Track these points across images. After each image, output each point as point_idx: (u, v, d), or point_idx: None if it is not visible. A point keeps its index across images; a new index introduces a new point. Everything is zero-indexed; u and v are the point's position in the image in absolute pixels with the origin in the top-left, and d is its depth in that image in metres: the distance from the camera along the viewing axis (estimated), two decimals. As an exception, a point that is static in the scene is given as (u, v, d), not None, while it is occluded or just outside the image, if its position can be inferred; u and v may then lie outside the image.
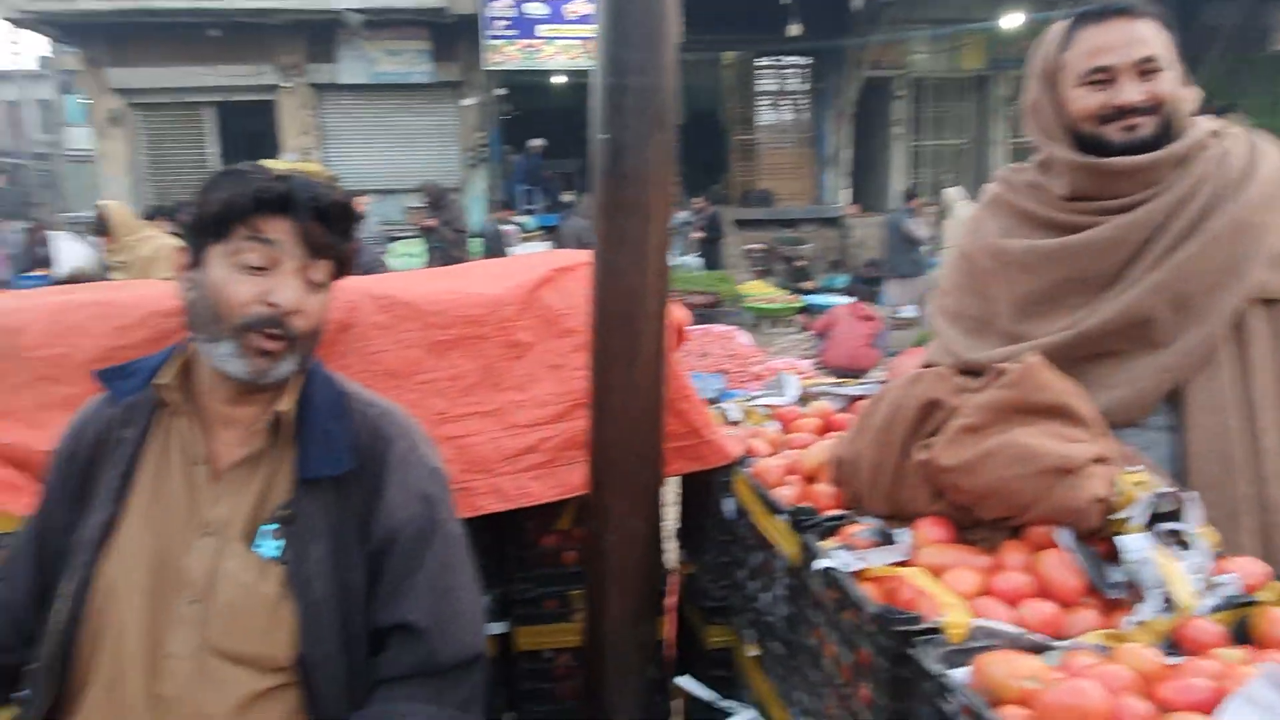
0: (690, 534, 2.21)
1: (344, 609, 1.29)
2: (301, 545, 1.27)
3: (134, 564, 1.26)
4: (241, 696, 1.25)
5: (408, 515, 1.33)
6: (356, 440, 1.33)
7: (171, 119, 14.90)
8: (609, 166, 1.63)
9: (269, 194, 1.20)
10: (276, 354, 1.23)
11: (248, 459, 1.29)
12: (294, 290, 1.23)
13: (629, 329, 1.66)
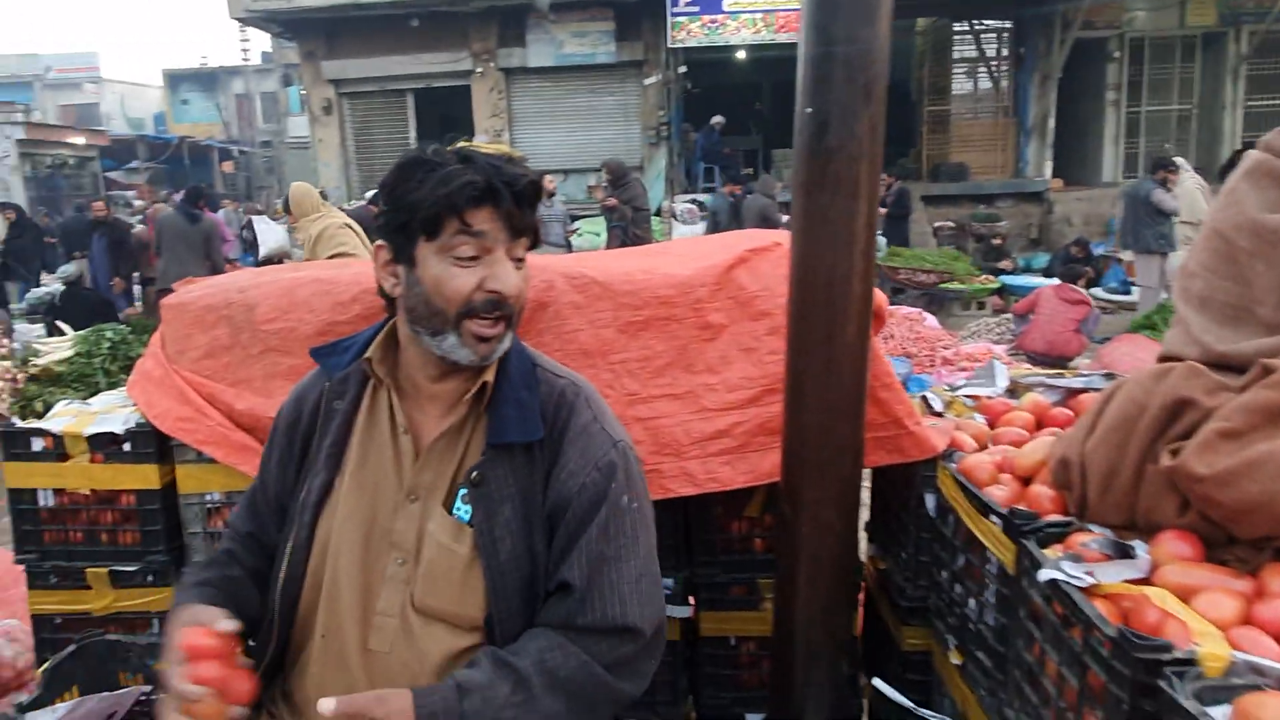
0: (884, 528, 2.11)
1: (529, 571, 1.33)
2: (490, 508, 1.31)
3: (349, 524, 1.34)
4: (442, 654, 1.31)
5: (581, 483, 1.33)
6: (544, 409, 1.36)
7: (377, 106, 15.94)
8: (812, 141, 1.55)
9: (475, 189, 1.23)
10: (497, 337, 1.28)
11: (450, 429, 1.34)
12: (511, 274, 1.27)
13: (829, 312, 1.58)
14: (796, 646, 1.74)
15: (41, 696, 1.80)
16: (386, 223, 1.30)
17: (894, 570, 2.04)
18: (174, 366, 2.09)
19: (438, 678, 1.30)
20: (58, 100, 32.97)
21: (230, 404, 2.02)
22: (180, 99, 32.44)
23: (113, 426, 2.10)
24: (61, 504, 2.16)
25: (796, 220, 1.59)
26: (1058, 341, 7.00)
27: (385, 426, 1.37)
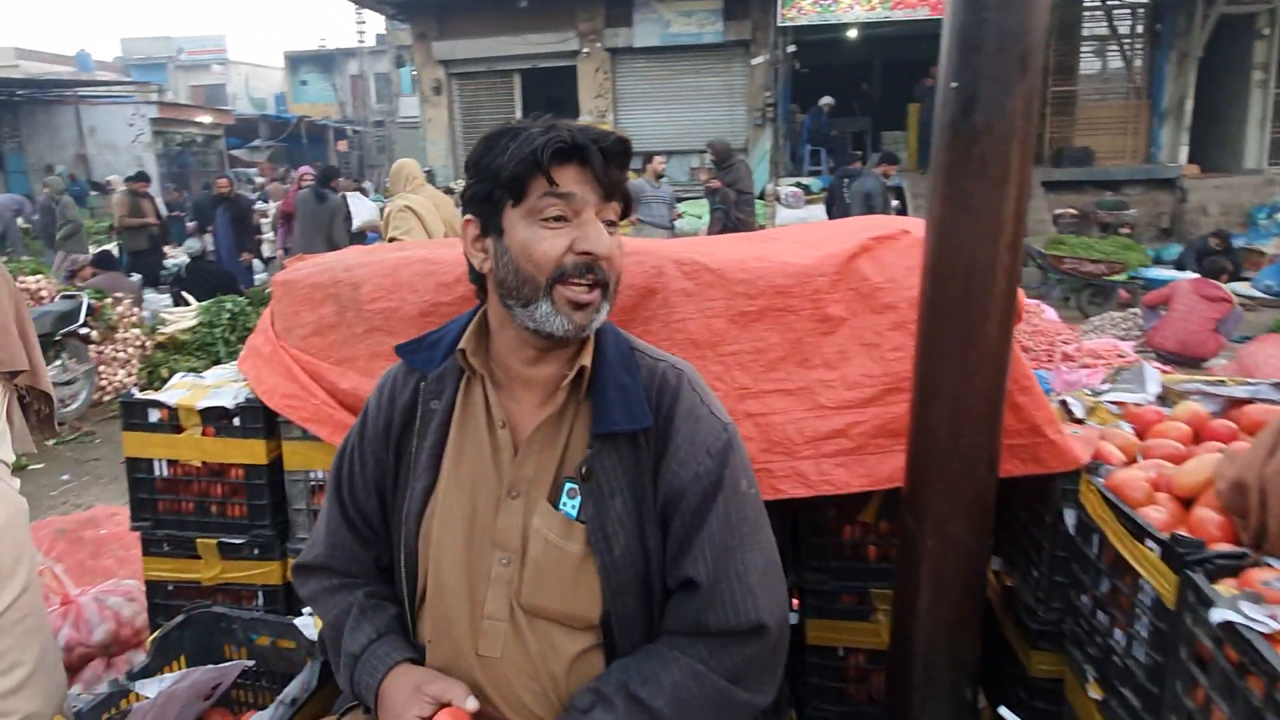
0: (1012, 541, 1.95)
1: (643, 567, 1.25)
2: (600, 503, 1.23)
3: (450, 526, 1.28)
4: (557, 657, 1.25)
5: (694, 472, 1.24)
6: (647, 394, 1.27)
7: (484, 86, 16.15)
8: (957, 119, 1.41)
9: (560, 145, 1.15)
10: (592, 304, 1.19)
11: (549, 419, 1.26)
12: (603, 234, 1.18)
13: (967, 308, 1.44)
14: (915, 668, 1.61)
15: (150, 665, 1.83)
16: (472, 196, 1.23)
17: (1023, 588, 1.88)
18: (282, 343, 2.09)
19: (554, 683, 1.24)
20: (188, 81, 34.76)
21: (334, 383, 2.01)
22: (299, 80, 33.71)
23: (223, 401, 2.12)
24: (175, 474, 2.21)
25: (935, 206, 1.45)
26: (1192, 341, 6.52)
27: (481, 421, 1.30)
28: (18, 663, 1.50)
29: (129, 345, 7.55)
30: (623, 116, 15.41)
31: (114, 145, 19.54)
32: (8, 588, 1.50)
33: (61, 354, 6.63)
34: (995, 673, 2.02)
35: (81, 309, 6.72)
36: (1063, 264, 10.05)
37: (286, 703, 1.64)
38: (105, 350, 7.27)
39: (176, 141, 21.55)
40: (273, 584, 2.23)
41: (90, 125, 19.38)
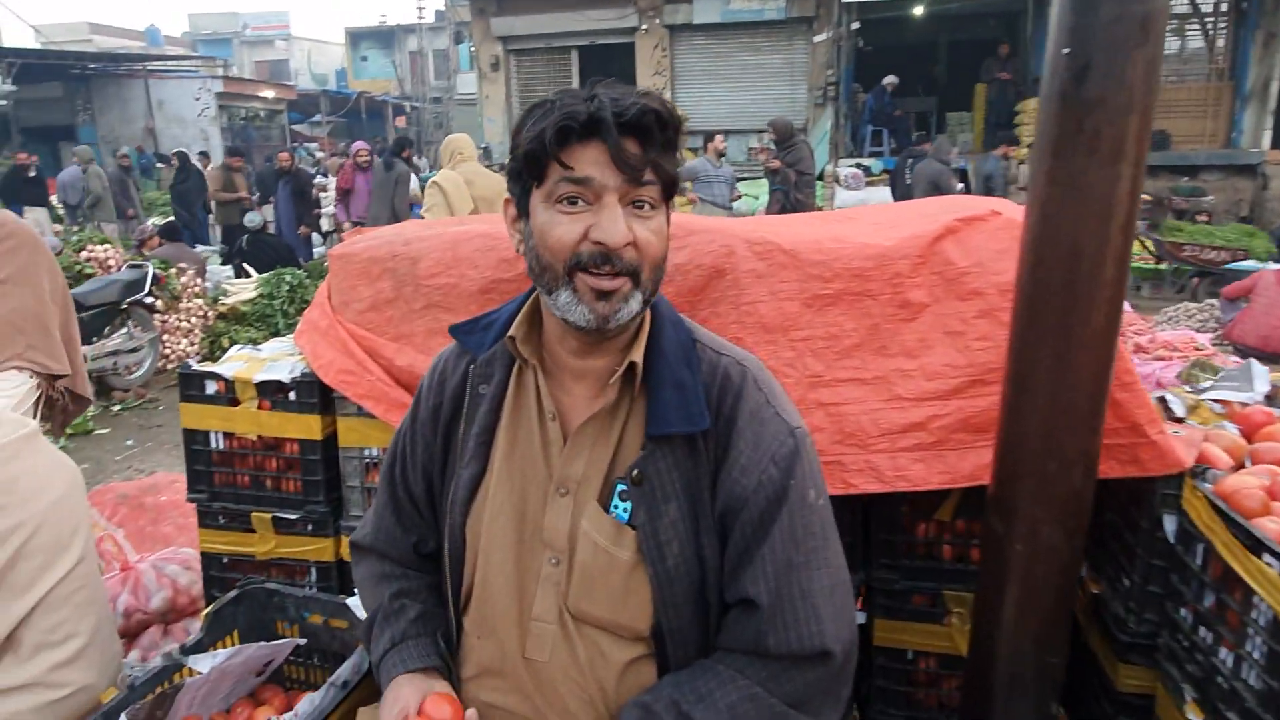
0: (1101, 545, 1.82)
1: (698, 578, 1.16)
2: (653, 508, 1.14)
3: (499, 520, 1.21)
4: (607, 665, 1.18)
5: (757, 480, 1.14)
6: (707, 393, 1.17)
7: (541, 62, 16.11)
8: (1067, 90, 1.28)
9: (572, 121, 1.04)
10: (617, 292, 1.07)
11: (600, 414, 1.17)
12: (618, 222, 1.05)
13: (1071, 297, 1.32)
14: (997, 679, 1.51)
15: (203, 640, 1.80)
16: (508, 175, 1.14)
17: (1111, 597, 1.76)
18: (338, 317, 2.05)
19: (602, 691, 1.17)
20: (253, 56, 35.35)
21: (391, 359, 1.97)
22: (360, 56, 34.05)
23: (279, 375, 2.09)
24: (231, 447, 2.19)
25: (1039, 186, 1.33)
26: (1275, 336, 6.19)
27: (533, 411, 1.22)
28: (72, 634, 1.48)
29: (192, 315, 7.69)
30: (680, 94, 15.24)
31: (181, 119, 19.94)
32: (64, 559, 1.48)
33: (127, 322, 6.77)
34: (1076, 684, 1.90)
35: (147, 278, 6.84)
36: (1182, 251, 9.59)
37: (338, 685, 1.60)
38: (169, 319, 7.42)
39: (240, 116, 21.93)
40: (326, 561, 2.20)
41: (159, 99, 19.80)
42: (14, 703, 1.41)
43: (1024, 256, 1.39)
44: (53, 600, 1.45)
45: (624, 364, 1.14)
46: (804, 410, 1.75)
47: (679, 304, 1.81)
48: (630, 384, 1.16)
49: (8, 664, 1.42)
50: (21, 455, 1.47)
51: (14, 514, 1.42)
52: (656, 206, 1.09)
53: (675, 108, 1.08)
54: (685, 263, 1.79)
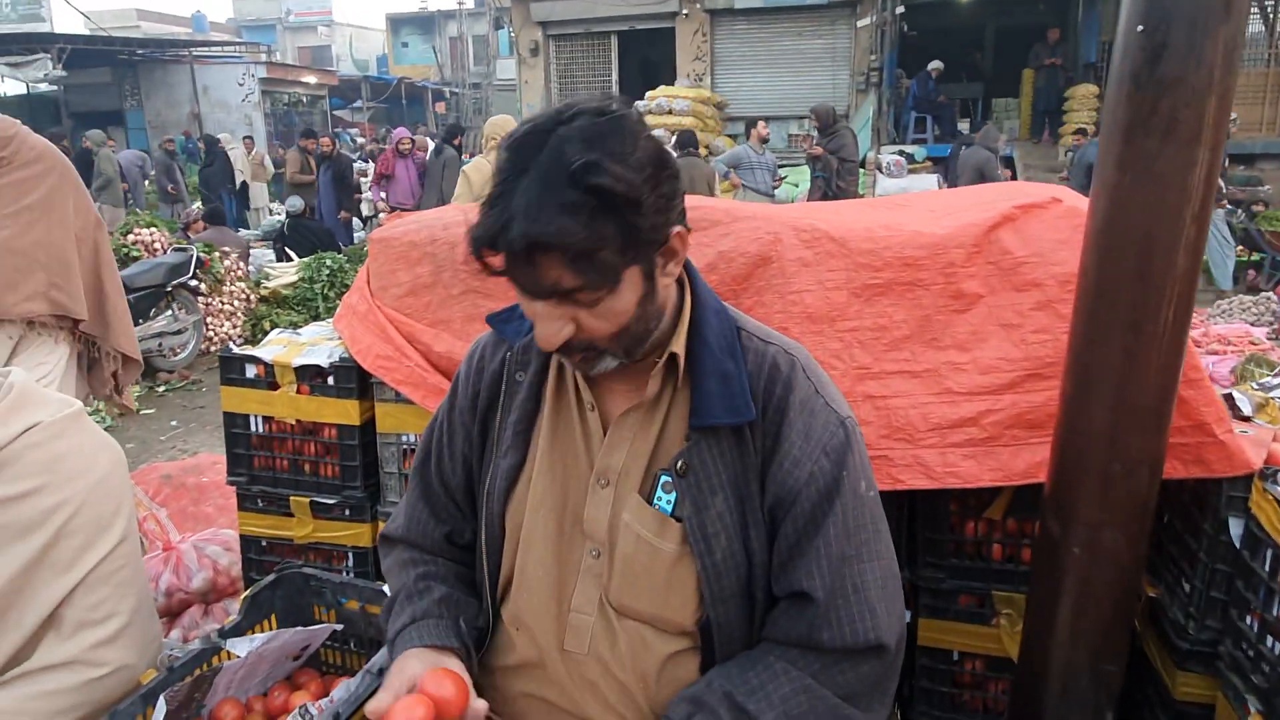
0: (1161, 549, 1.75)
1: (747, 572, 1.13)
2: (699, 501, 1.11)
3: (540, 511, 1.18)
4: (648, 659, 1.15)
5: (809, 472, 1.10)
6: (754, 383, 1.13)
7: (581, 48, 16.05)
8: (1140, 69, 1.21)
9: (480, 244, 0.98)
10: (585, 360, 1.07)
11: (641, 405, 1.14)
12: (544, 328, 1.02)
13: (1141, 290, 1.26)
14: (1050, 686, 1.45)
15: (241, 623, 1.81)
16: None
17: (1170, 602, 1.69)
18: (377, 302, 2.03)
19: (643, 684, 1.14)
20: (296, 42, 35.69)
21: (429, 345, 1.95)
22: (401, 41, 34.23)
23: (318, 359, 2.09)
24: (270, 431, 2.19)
25: (1107, 171, 1.27)
26: (1339, 330, 5.98)
27: (572, 400, 1.19)
28: (113, 613, 1.48)
29: (235, 298, 7.79)
30: (720, 80, 15.11)
31: (226, 104, 20.19)
32: (105, 538, 1.48)
33: (172, 305, 6.87)
34: (1130, 690, 1.84)
35: (191, 262, 6.94)
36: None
37: (374, 672, 1.60)
38: (213, 302, 7.52)
39: (283, 101, 22.15)
40: (363, 546, 2.20)
41: (204, 84, 20.05)
42: (55, 680, 1.41)
43: (1090, 246, 1.32)
44: (94, 579, 1.46)
45: (664, 355, 1.10)
46: (851, 403, 1.69)
47: (723, 292, 1.77)
48: (673, 375, 1.13)
49: (50, 641, 1.43)
50: (66, 434, 1.47)
51: (57, 492, 1.42)
52: (604, 289, 0.99)
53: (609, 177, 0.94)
54: (730, 250, 1.74)
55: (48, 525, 1.40)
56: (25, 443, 1.40)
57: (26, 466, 1.40)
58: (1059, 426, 1.40)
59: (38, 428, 1.42)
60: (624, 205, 0.95)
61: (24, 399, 1.44)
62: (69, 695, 1.42)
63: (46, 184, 2.60)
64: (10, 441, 1.39)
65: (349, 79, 26.03)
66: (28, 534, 1.39)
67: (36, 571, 1.40)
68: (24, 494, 1.39)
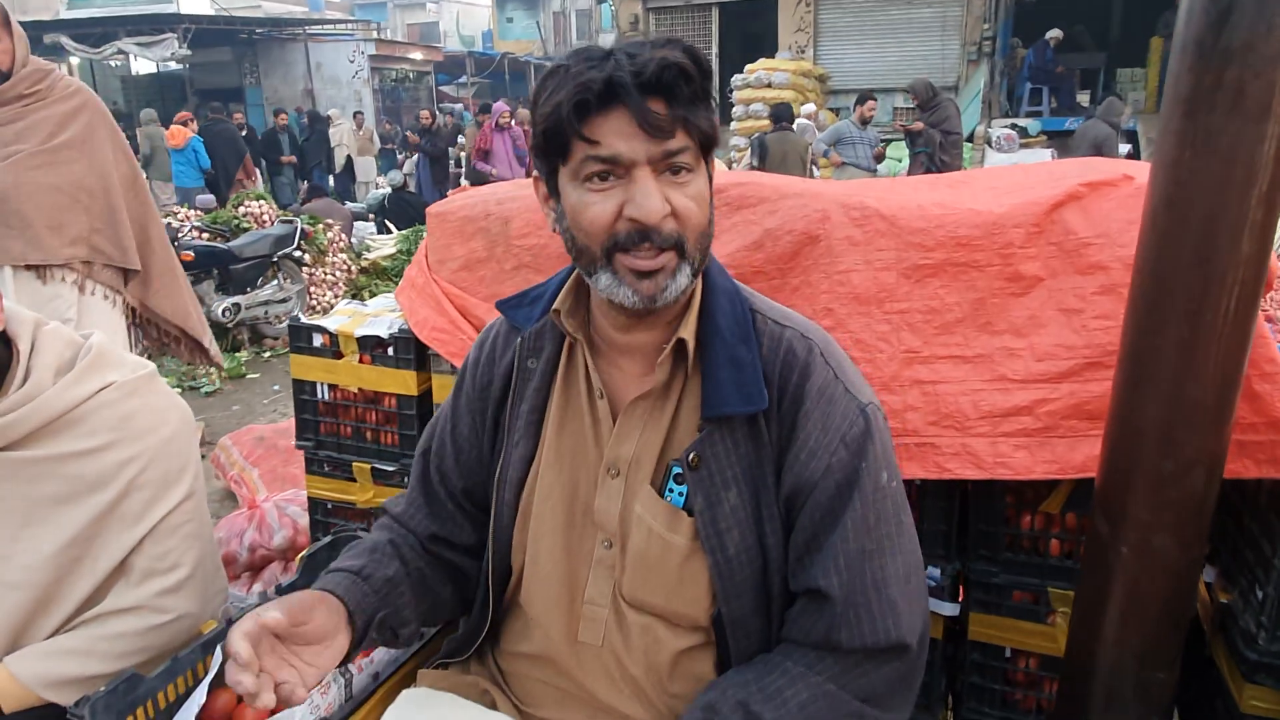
0: (1235, 553, 1.64)
1: (759, 565, 1.10)
2: (711, 494, 1.08)
3: (550, 501, 1.18)
4: (661, 653, 1.14)
5: (826, 464, 1.06)
6: (769, 368, 1.09)
7: (681, 20, 15.91)
8: (1204, 36, 1.11)
9: (587, 92, 0.94)
10: (661, 270, 1.00)
11: (651, 393, 1.11)
12: (652, 196, 0.97)
13: (1201, 276, 1.16)
14: (1093, 692, 1.38)
15: (297, 581, 1.89)
16: (533, 151, 1.06)
17: (1242, 610, 1.58)
18: (434, 276, 2.07)
19: (656, 676, 1.13)
20: (405, 19, 36.57)
21: (482, 319, 1.98)
22: (506, 17, 34.62)
23: (379, 330, 2.15)
24: (335, 398, 2.27)
25: (1167, 148, 1.17)
26: None
27: (582, 388, 1.17)
28: (178, 564, 1.57)
29: (337, 269, 8.10)
30: (823, 52, 14.75)
31: (337, 80, 20.92)
32: (173, 493, 1.57)
33: (278, 274, 7.20)
34: (1197, 699, 1.73)
35: (296, 233, 7.25)
36: None
37: (415, 636, 1.65)
38: (316, 272, 7.84)
39: (391, 78, 22.78)
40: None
41: (317, 61, 20.82)
42: (123, 623, 1.51)
43: (1146, 229, 1.23)
44: (161, 531, 1.55)
45: (672, 340, 1.07)
46: (898, 388, 1.64)
47: (769, 271, 1.73)
48: (682, 361, 1.10)
49: (119, 588, 1.53)
50: (139, 393, 1.56)
51: (129, 447, 1.51)
52: (694, 169, 1.01)
53: (702, 54, 0.99)
54: (776, 228, 1.70)
55: (119, 479, 1.50)
56: (100, 401, 1.50)
57: (100, 422, 1.50)
58: (1109, 421, 1.32)
59: (112, 387, 1.52)
60: (708, 91, 1.00)
61: (102, 360, 1.54)
62: (134, 639, 1.52)
63: (83, 120, 2.56)
64: (86, 399, 1.49)
65: (454, 55, 26.53)
66: (100, 487, 1.48)
67: (107, 522, 1.49)
68: (97, 448, 1.49)
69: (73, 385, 1.47)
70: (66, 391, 1.45)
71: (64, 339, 1.54)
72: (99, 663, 1.47)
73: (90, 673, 1.46)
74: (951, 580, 1.78)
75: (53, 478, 1.46)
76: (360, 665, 1.55)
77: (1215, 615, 1.70)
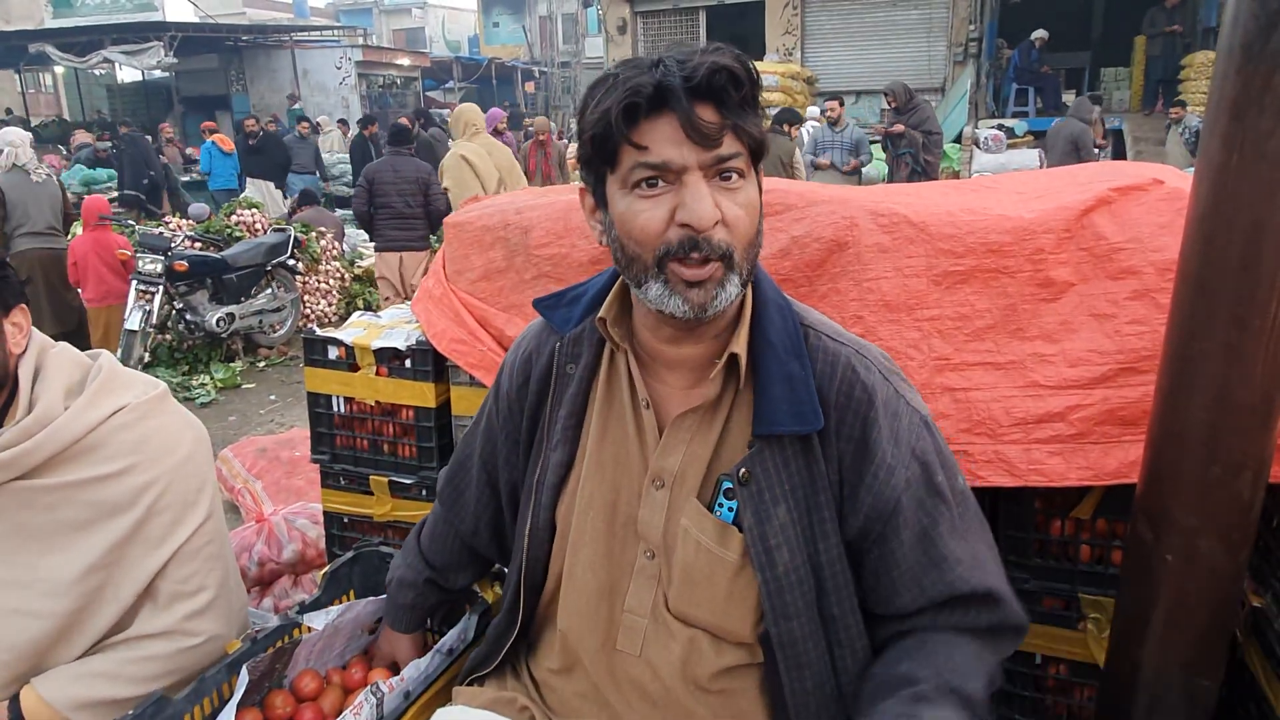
0: (1267, 556, 1.63)
1: (814, 586, 1.09)
2: (761, 511, 1.07)
3: (590, 511, 1.16)
4: (703, 667, 1.12)
5: (905, 479, 1.07)
6: (825, 387, 1.08)
7: (669, 25, 15.93)
8: (1253, 39, 1.11)
9: (638, 96, 0.94)
10: (711, 279, 0.99)
11: (701, 408, 1.10)
12: (704, 200, 0.96)
13: (1249, 279, 1.16)
14: (1137, 699, 1.37)
15: (320, 598, 1.87)
16: (580, 162, 1.05)
17: (1276, 613, 1.57)
18: (452, 286, 2.05)
19: (692, 690, 1.12)
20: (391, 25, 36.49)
21: (501, 329, 1.96)
22: (492, 22, 34.60)
23: (396, 342, 2.12)
24: (351, 411, 2.25)
25: (1213, 151, 1.17)
26: None
27: (625, 397, 1.15)
28: (203, 586, 1.55)
29: (330, 277, 8.05)
30: (810, 55, 14.79)
31: (324, 87, 20.82)
32: (193, 514, 1.54)
33: (272, 283, 7.15)
34: (1230, 704, 1.73)
35: (289, 242, 7.20)
36: None
37: (444, 652, 1.63)
38: (309, 280, 7.79)
39: (378, 84, 22.70)
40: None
41: (304, 68, 20.71)
42: (152, 647, 1.49)
43: (1190, 233, 1.23)
44: (184, 553, 1.52)
45: (724, 355, 1.06)
46: (929, 395, 1.63)
47: (797, 279, 1.72)
48: (733, 375, 1.09)
49: (146, 612, 1.50)
50: (152, 415, 1.53)
51: (146, 471, 1.48)
52: (745, 175, 1.00)
53: (749, 61, 0.98)
54: (804, 235, 1.69)
55: (139, 504, 1.47)
56: (115, 424, 1.47)
57: (117, 448, 1.46)
58: (1152, 426, 1.32)
59: (126, 409, 1.48)
60: (757, 98, 1.00)
61: (113, 381, 1.50)
62: (163, 662, 1.49)
63: None
64: (101, 423, 1.45)
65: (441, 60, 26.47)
66: (120, 512, 1.45)
67: (130, 547, 1.46)
68: (115, 474, 1.45)
69: (85, 410, 1.43)
70: (80, 417, 1.42)
71: (72, 360, 1.50)
72: (127, 686, 1.45)
73: (119, 695, 1.43)
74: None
75: (71, 504, 1.42)
76: (392, 685, 1.53)
77: (1248, 619, 1.70)
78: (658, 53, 0.99)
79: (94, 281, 6.20)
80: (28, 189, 5.75)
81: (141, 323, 6.03)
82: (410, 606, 1.55)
